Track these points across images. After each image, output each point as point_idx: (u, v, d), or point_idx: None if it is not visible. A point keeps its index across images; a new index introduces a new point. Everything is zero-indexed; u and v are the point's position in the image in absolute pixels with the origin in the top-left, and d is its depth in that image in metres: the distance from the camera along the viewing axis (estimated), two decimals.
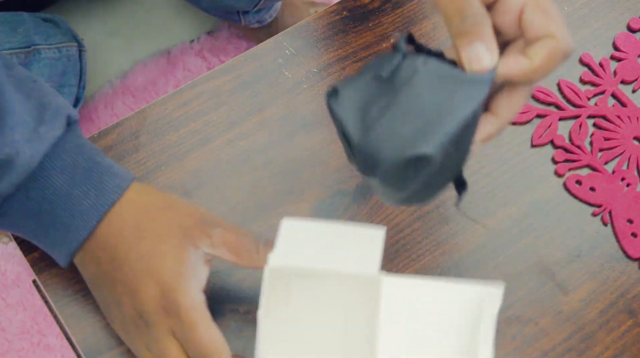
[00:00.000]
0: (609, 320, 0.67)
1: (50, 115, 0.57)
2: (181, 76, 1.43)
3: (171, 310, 0.56)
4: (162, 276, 0.56)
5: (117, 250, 0.58)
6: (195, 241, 0.57)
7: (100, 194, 0.58)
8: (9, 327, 1.27)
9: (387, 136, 0.49)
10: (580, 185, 0.71)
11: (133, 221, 0.58)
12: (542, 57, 0.50)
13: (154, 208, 0.59)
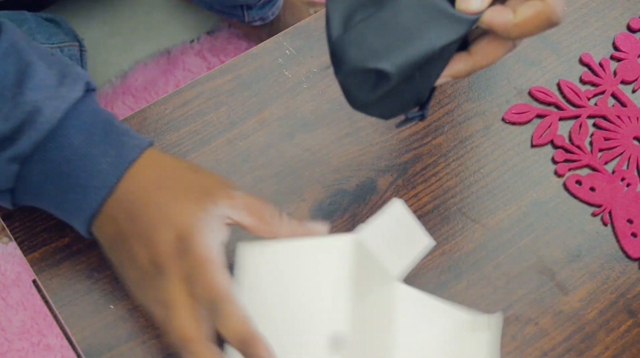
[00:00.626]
0: (609, 320, 0.67)
1: (71, 79, 0.58)
2: (181, 76, 1.43)
3: (186, 250, 0.54)
4: (179, 221, 0.55)
5: (135, 205, 0.57)
6: (216, 199, 0.56)
7: (119, 154, 0.57)
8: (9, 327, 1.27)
9: (357, 42, 0.52)
10: (580, 185, 0.71)
11: (154, 177, 0.57)
12: (525, 15, 0.52)
13: (175, 167, 0.58)
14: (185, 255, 0.55)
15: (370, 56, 0.52)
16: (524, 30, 0.52)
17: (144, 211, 0.56)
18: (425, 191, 0.70)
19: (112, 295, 0.64)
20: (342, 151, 0.70)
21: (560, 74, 0.75)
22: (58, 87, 0.57)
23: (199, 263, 0.54)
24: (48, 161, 0.57)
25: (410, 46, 0.51)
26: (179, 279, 0.55)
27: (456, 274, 0.67)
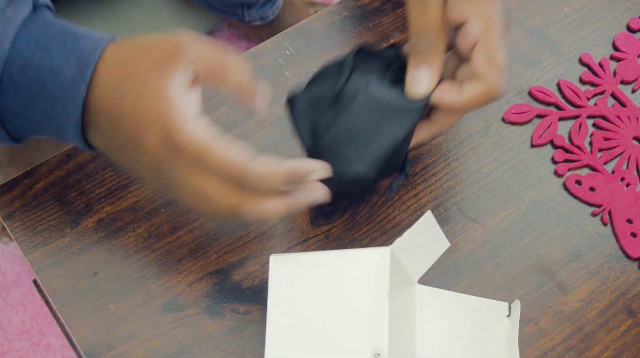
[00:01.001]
0: (609, 319, 0.67)
1: (17, 2, 0.57)
2: None
3: (179, 146, 0.54)
4: (155, 119, 0.54)
5: (110, 113, 0.56)
6: (174, 66, 0.54)
7: (80, 59, 0.56)
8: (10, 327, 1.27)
9: (329, 153, 0.59)
10: (580, 185, 0.71)
11: (114, 78, 0.56)
12: (469, 95, 0.58)
13: (127, 58, 0.56)
14: (179, 151, 0.54)
15: (344, 166, 0.58)
16: (469, 108, 0.59)
17: (122, 119, 0.55)
18: (425, 191, 0.70)
19: (112, 295, 0.64)
20: None
21: (560, 74, 0.75)
22: (4, 11, 0.56)
23: (199, 153, 0.53)
24: (19, 85, 0.56)
25: (377, 145, 0.58)
26: (189, 169, 0.54)
27: (456, 274, 0.67)
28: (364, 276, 0.57)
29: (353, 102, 0.57)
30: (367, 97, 0.58)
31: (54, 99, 0.56)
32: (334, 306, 0.57)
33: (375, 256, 0.57)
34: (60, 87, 0.56)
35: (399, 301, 0.59)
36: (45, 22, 0.58)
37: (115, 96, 0.56)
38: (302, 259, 0.59)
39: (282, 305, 0.58)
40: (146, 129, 0.54)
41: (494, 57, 0.57)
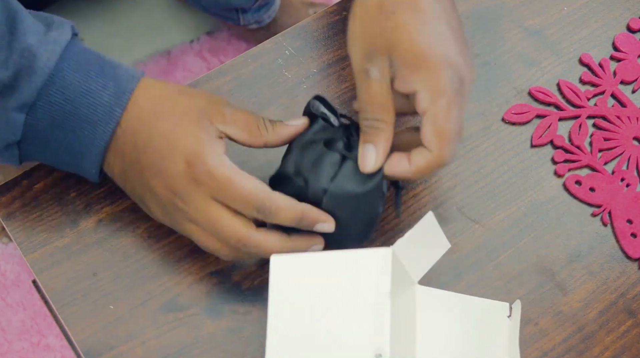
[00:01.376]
0: (609, 320, 0.67)
1: (57, 24, 0.60)
2: (181, 76, 1.43)
3: (202, 176, 0.58)
4: (185, 147, 0.58)
5: (138, 137, 0.59)
6: (210, 117, 0.59)
7: (118, 86, 0.59)
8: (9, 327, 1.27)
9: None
10: (580, 185, 0.71)
11: (150, 106, 0.60)
12: (418, 165, 0.60)
13: (169, 93, 0.61)
14: (202, 179, 0.58)
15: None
16: (420, 176, 0.61)
17: (149, 142, 0.59)
18: (425, 191, 0.70)
19: (112, 295, 0.64)
20: None
21: (560, 74, 0.75)
22: (48, 31, 0.59)
23: (223, 182, 0.57)
24: (52, 105, 0.59)
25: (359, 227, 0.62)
26: (205, 199, 0.58)
27: (456, 274, 0.67)
28: (365, 276, 0.57)
29: (321, 204, 0.60)
30: (331, 196, 0.60)
31: (85, 121, 0.59)
32: (335, 306, 0.57)
33: (377, 256, 0.57)
34: (94, 110, 0.59)
35: (400, 301, 0.59)
36: (85, 48, 0.61)
37: (149, 121, 0.59)
38: (303, 259, 0.59)
39: (283, 305, 0.58)
40: (173, 155, 0.58)
41: (441, 127, 0.58)
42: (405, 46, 0.58)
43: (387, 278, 0.57)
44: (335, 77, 0.73)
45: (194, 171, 0.58)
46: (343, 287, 0.57)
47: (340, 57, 0.74)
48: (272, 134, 0.61)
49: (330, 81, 0.73)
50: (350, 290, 0.57)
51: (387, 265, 0.57)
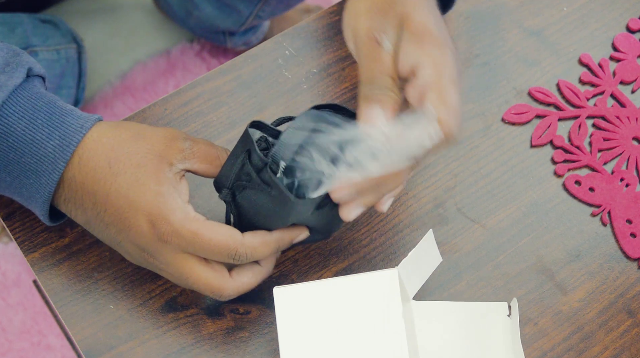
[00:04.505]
0: (608, 320, 0.67)
1: (12, 67, 0.58)
2: (181, 76, 1.43)
3: (167, 236, 0.57)
4: (145, 206, 0.57)
5: (96, 194, 0.58)
6: (169, 159, 0.58)
7: (63, 135, 0.57)
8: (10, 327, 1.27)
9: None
10: (579, 185, 0.71)
11: (104, 159, 0.58)
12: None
13: (122, 141, 0.59)
14: (168, 237, 0.57)
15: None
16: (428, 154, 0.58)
17: (108, 203, 0.58)
18: (425, 191, 0.70)
19: (112, 295, 0.64)
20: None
21: (560, 74, 0.75)
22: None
23: (190, 239, 0.57)
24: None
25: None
26: (174, 254, 0.57)
27: (456, 274, 0.67)
28: (373, 299, 0.57)
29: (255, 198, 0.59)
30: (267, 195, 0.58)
31: (29, 170, 0.58)
32: (346, 332, 0.57)
33: (383, 278, 0.58)
34: (38, 160, 0.57)
35: (407, 320, 0.59)
36: (36, 93, 0.58)
37: (106, 178, 0.57)
38: (307, 289, 0.59)
39: (293, 336, 0.58)
40: (136, 216, 0.57)
41: (448, 100, 0.56)
42: (416, 20, 0.57)
43: (397, 299, 0.57)
44: (335, 77, 0.73)
45: (159, 232, 0.57)
46: (352, 312, 0.58)
47: (340, 57, 0.74)
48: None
49: (330, 81, 0.73)
50: (360, 315, 0.57)
51: (395, 287, 0.57)
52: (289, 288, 0.59)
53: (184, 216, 0.57)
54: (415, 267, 0.62)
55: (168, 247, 0.57)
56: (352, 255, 0.67)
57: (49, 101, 0.59)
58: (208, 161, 0.59)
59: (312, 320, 0.58)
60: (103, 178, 0.57)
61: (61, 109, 0.58)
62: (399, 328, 0.57)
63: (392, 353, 0.56)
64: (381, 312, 0.57)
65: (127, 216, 0.57)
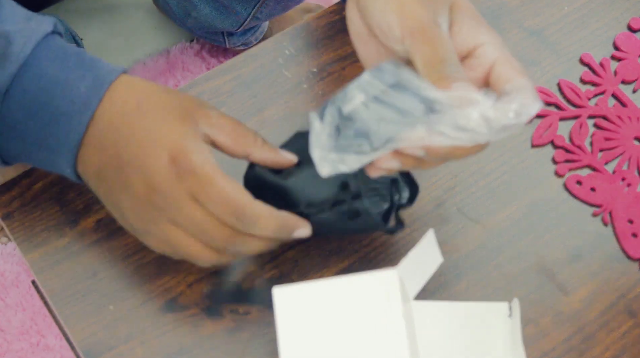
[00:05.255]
0: (609, 320, 0.67)
1: (39, 17, 0.58)
2: (180, 76, 1.43)
3: (185, 171, 0.55)
4: (169, 141, 0.56)
5: (120, 131, 0.57)
6: (196, 118, 0.57)
7: (96, 77, 0.57)
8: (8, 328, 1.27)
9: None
10: (580, 185, 0.71)
11: (134, 99, 0.57)
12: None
13: (153, 90, 0.58)
14: (185, 174, 0.55)
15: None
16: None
17: (131, 137, 0.57)
18: (425, 192, 0.70)
19: (111, 295, 0.64)
20: None
21: (561, 74, 0.75)
22: (27, 21, 0.57)
23: (205, 181, 0.55)
24: (26, 93, 0.56)
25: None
26: (188, 199, 0.56)
27: (456, 274, 0.67)
28: (373, 300, 0.57)
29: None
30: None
31: (60, 113, 0.57)
32: (347, 333, 0.57)
33: (382, 279, 0.57)
34: (70, 101, 0.56)
35: (408, 320, 0.59)
36: (65, 44, 0.59)
37: (133, 116, 0.56)
38: (307, 289, 0.59)
39: (293, 337, 0.58)
40: (157, 150, 0.56)
41: (518, 66, 0.56)
42: (465, 4, 0.58)
43: (397, 300, 0.57)
44: (335, 77, 0.73)
45: (178, 167, 0.55)
46: (352, 312, 0.57)
47: (340, 57, 0.74)
48: (259, 150, 0.59)
49: (330, 81, 0.73)
50: (361, 315, 0.57)
51: (395, 287, 0.57)
52: (289, 288, 0.59)
53: (206, 159, 0.56)
54: (416, 267, 0.62)
55: (182, 187, 0.55)
56: (352, 255, 0.67)
57: (77, 50, 0.59)
58: (233, 137, 0.58)
59: (312, 320, 0.58)
60: (130, 116, 0.57)
61: (91, 57, 0.58)
62: (399, 329, 0.57)
63: (392, 353, 0.56)
64: (381, 312, 0.57)
65: (149, 151, 0.56)
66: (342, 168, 0.54)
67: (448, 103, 0.53)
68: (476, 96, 0.53)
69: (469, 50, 0.57)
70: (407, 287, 0.61)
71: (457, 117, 0.52)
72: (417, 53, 0.55)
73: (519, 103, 0.52)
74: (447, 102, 0.53)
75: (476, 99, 0.53)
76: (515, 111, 0.52)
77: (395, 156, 0.55)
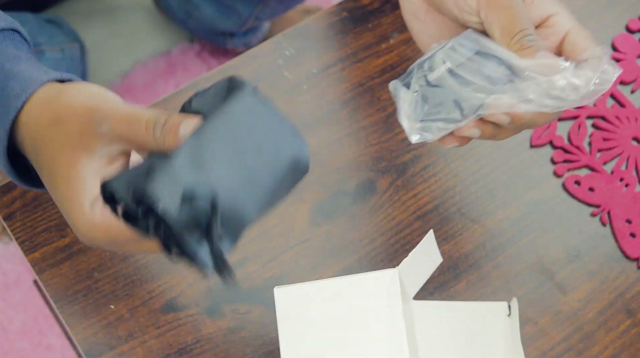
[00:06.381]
0: (608, 319, 0.67)
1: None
2: (181, 76, 1.43)
3: (76, 234, 0.52)
4: (59, 204, 0.52)
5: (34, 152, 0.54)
6: (89, 147, 0.51)
7: (5, 103, 0.53)
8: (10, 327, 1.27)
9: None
10: (579, 185, 0.71)
11: (30, 146, 0.54)
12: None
13: (44, 125, 0.53)
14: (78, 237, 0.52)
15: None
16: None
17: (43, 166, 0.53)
18: (424, 192, 0.70)
19: (112, 295, 0.65)
20: (342, 151, 0.71)
21: None
22: None
23: (102, 240, 0.51)
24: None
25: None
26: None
27: (456, 274, 0.67)
28: (373, 299, 0.57)
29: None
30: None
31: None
32: (347, 332, 0.57)
33: (383, 278, 0.58)
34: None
35: (407, 320, 0.59)
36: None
37: (35, 163, 0.54)
38: (308, 288, 0.59)
39: (294, 336, 0.58)
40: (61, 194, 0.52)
41: (592, 37, 0.56)
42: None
43: (397, 300, 0.57)
44: (335, 77, 0.73)
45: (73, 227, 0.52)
46: (352, 312, 0.58)
47: (340, 57, 0.74)
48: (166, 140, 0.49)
49: (330, 81, 0.73)
50: (361, 315, 0.57)
51: (395, 287, 0.57)
52: (289, 288, 0.59)
53: (87, 223, 0.51)
54: (416, 267, 0.62)
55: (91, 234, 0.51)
56: (352, 255, 0.67)
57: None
58: (133, 143, 0.51)
59: (312, 320, 0.58)
60: (36, 164, 0.54)
61: (6, 73, 0.54)
62: (399, 328, 0.57)
63: (392, 353, 0.56)
64: (381, 312, 0.57)
65: (56, 194, 0.52)
66: (428, 137, 0.54)
67: (535, 71, 0.53)
68: (562, 63, 0.53)
69: (542, 19, 0.57)
70: (407, 287, 0.61)
71: (545, 85, 0.53)
72: (495, 23, 0.55)
73: (602, 70, 0.53)
74: (534, 69, 0.53)
75: (563, 66, 0.53)
76: (600, 78, 0.53)
77: (477, 124, 0.55)
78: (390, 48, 0.74)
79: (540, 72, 0.53)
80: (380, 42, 0.75)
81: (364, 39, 0.75)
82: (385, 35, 0.75)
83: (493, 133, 0.56)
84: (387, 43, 0.75)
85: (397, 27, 0.75)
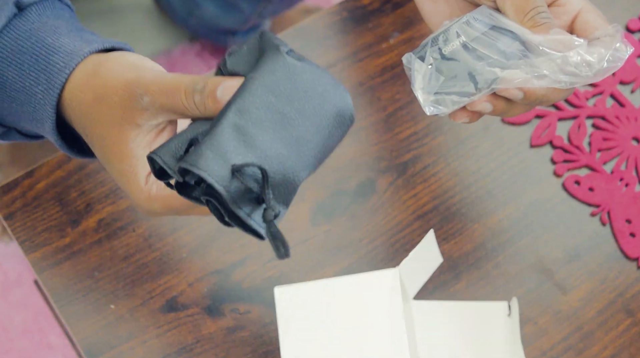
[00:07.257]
0: (608, 319, 0.67)
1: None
2: None
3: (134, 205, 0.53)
4: (118, 183, 0.53)
5: (82, 127, 0.54)
6: (135, 122, 0.52)
7: (49, 79, 0.54)
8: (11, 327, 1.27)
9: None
10: (579, 185, 0.71)
11: (78, 124, 0.54)
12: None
13: (88, 103, 0.54)
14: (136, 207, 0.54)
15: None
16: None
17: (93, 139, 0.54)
18: (424, 191, 0.70)
19: (112, 295, 0.65)
20: (342, 151, 0.70)
21: None
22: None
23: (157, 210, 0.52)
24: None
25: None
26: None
27: (456, 274, 0.67)
28: (373, 299, 0.58)
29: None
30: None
31: (29, 117, 0.55)
32: (347, 332, 0.57)
33: (383, 278, 0.58)
34: (33, 108, 0.55)
35: (408, 319, 0.59)
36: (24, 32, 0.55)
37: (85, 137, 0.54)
38: (308, 288, 0.59)
39: (295, 335, 0.58)
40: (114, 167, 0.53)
41: (603, 16, 0.56)
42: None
43: (398, 299, 0.57)
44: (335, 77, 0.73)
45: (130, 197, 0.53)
46: (353, 312, 0.58)
47: (340, 57, 0.74)
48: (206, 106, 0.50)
49: None
50: (361, 314, 0.58)
51: (396, 286, 0.57)
52: (290, 288, 0.59)
53: (145, 197, 0.52)
54: (416, 267, 0.62)
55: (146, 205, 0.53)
56: (352, 255, 0.67)
57: (37, 39, 0.55)
58: (174, 112, 0.51)
59: (312, 320, 0.58)
60: (86, 138, 0.55)
61: (49, 46, 0.55)
62: (399, 328, 0.57)
63: (392, 352, 0.57)
64: (382, 312, 0.57)
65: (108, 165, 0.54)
66: (442, 110, 0.54)
67: (549, 46, 0.53)
68: (576, 39, 0.53)
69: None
70: (407, 287, 0.61)
71: (559, 60, 0.53)
72: (508, 1, 0.55)
73: (614, 48, 0.53)
74: (548, 45, 0.53)
75: (577, 42, 0.53)
76: (612, 55, 0.53)
77: (489, 99, 0.55)
78: (390, 48, 0.74)
79: (554, 48, 0.53)
80: (380, 42, 0.75)
81: (364, 38, 0.75)
82: (385, 35, 0.75)
83: (505, 109, 0.55)
84: (387, 43, 0.75)
85: (397, 27, 0.76)
